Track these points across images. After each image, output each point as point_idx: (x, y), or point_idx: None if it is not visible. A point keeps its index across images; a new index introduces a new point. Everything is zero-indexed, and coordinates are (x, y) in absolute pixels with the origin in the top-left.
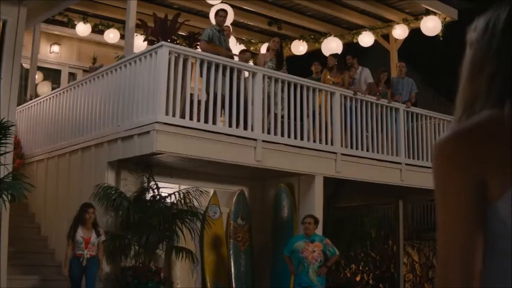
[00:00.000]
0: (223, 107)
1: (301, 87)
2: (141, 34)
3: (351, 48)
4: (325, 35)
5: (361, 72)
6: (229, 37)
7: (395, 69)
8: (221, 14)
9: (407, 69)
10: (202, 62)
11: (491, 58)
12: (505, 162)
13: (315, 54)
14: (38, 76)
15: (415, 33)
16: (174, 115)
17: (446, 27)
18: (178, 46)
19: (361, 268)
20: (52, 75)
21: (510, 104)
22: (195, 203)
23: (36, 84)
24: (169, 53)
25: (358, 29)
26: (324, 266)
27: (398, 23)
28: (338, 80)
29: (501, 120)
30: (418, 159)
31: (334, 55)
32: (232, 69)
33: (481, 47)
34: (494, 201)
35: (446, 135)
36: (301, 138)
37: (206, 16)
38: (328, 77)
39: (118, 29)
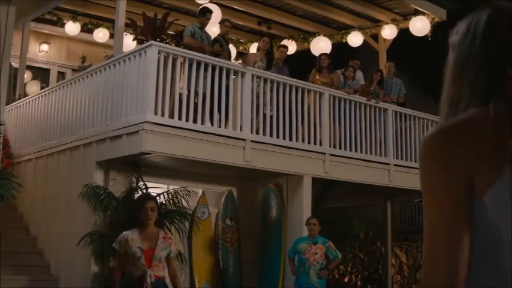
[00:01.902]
0: (212, 107)
1: (290, 87)
2: (131, 33)
3: (340, 48)
4: (314, 34)
5: (356, 73)
6: (227, 33)
7: (384, 69)
8: (208, 17)
9: (396, 69)
10: (191, 61)
11: (473, 59)
12: (489, 157)
13: (304, 54)
14: (27, 75)
15: (404, 34)
16: (163, 115)
17: (435, 27)
18: (167, 45)
19: (349, 269)
20: (41, 74)
21: (493, 103)
22: (184, 203)
23: (25, 84)
24: (159, 53)
25: (347, 29)
26: (326, 269)
27: (387, 23)
28: (327, 80)
29: (485, 118)
30: (406, 159)
31: (327, 54)
32: (221, 69)
33: (463, 49)
34: (480, 197)
35: (431, 132)
36: (290, 139)
37: (195, 15)
38: (317, 77)
39: (107, 28)
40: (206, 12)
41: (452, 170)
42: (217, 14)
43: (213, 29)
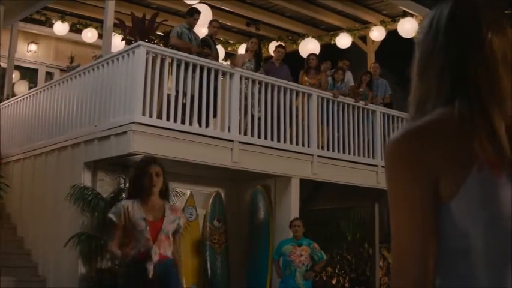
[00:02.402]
0: (200, 107)
1: (279, 88)
2: (119, 33)
3: (328, 49)
4: (303, 36)
5: (345, 74)
6: (216, 34)
7: (370, 70)
8: (196, 17)
9: (383, 70)
10: (179, 62)
11: (438, 55)
12: (456, 161)
13: (293, 55)
14: (15, 75)
15: (392, 35)
16: (151, 116)
17: None
18: (156, 46)
19: (337, 271)
20: (29, 74)
21: (459, 103)
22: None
23: (13, 84)
24: (147, 53)
25: (336, 30)
26: (312, 271)
27: (375, 25)
28: (314, 81)
29: (451, 118)
30: None
31: (316, 55)
32: (209, 70)
33: (426, 45)
34: (447, 202)
35: (397, 135)
36: (278, 140)
37: (184, 16)
38: (306, 78)
39: (96, 28)
40: (194, 13)
41: (418, 173)
42: (207, 14)
43: (202, 30)
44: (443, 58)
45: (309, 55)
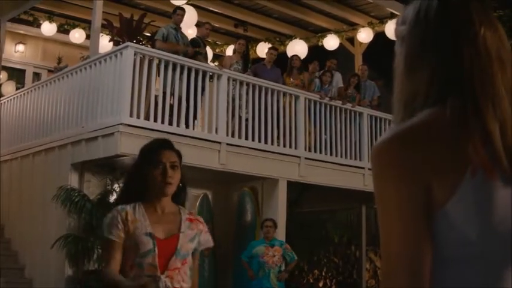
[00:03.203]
0: (187, 109)
1: (266, 90)
2: (107, 34)
3: (316, 51)
4: (291, 37)
5: (334, 76)
6: (207, 36)
7: (358, 72)
8: (179, 13)
9: (371, 72)
10: (167, 63)
11: (428, 51)
12: (448, 165)
13: (281, 57)
14: (2, 76)
15: (380, 37)
16: (138, 117)
17: None
18: (143, 47)
19: (323, 273)
20: (16, 74)
21: (451, 103)
22: None
23: (0, 84)
24: (135, 54)
25: (324, 32)
26: (285, 271)
27: (363, 26)
28: (297, 81)
29: (443, 120)
30: None
31: (298, 56)
32: (197, 71)
33: (414, 39)
34: (441, 207)
35: (384, 138)
36: (266, 142)
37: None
38: (291, 79)
39: (84, 29)
40: (177, 9)
41: (406, 177)
42: (193, 15)
43: (189, 31)
44: (435, 53)
45: (292, 56)
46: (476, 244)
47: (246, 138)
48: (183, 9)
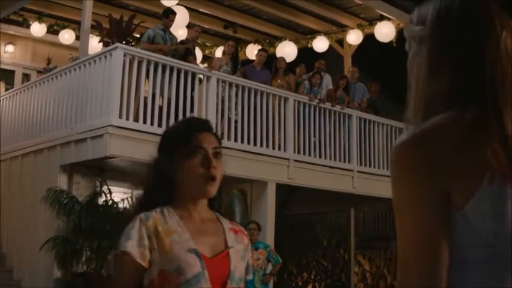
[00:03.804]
0: (176, 111)
1: (255, 91)
2: (97, 35)
3: (306, 53)
4: (280, 39)
5: (323, 77)
6: (197, 38)
7: (348, 74)
8: (171, 18)
9: (360, 74)
10: (156, 64)
11: (450, 54)
12: (466, 169)
13: (270, 58)
14: None
15: (369, 39)
16: (127, 118)
17: (400, 33)
18: (133, 48)
19: (312, 276)
20: (6, 75)
21: (472, 107)
22: None
23: None
24: (124, 55)
25: (313, 33)
26: (269, 274)
27: (352, 28)
28: (283, 83)
29: (462, 124)
30: (370, 166)
31: (283, 58)
32: (186, 73)
33: (436, 41)
34: (459, 209)
35: (404, 139)
36: (255, 144)
37: (161, 17)
38: (279, 81)
39: (73, 29)
40: (169, 14)
41: (428, 181)
42: (184, 16)
43: (180, 32)
44: (457, 56)
45: (278, 58)
46: (493, 246)
47: (235, 140)
48: (174, 14)
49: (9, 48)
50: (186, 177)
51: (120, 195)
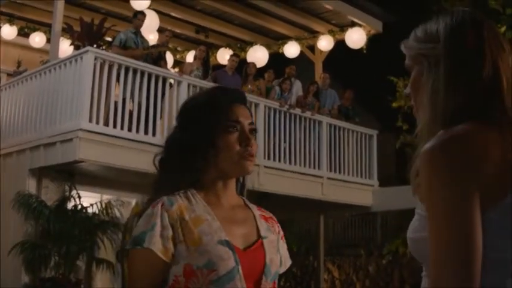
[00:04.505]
0: (147, 115)
1: None
2: (68, 38)
3: (277, 59)
4: (251, 44)
5: (294, 83)
6: (168, 43)
7: (319, 80)
8: (139, 18)
9: (330, 80)
10: (127, 68)
11: (469, 70)
12: (496, 172)
13: (241, 63)
14: None
15: (340, 46)
16: (97, 123)
17: (371, 40)
18: (104, 52)
19: (282, 283)
20: None
21: (499, 119)
22: (117, 214)
23: None
24: (95, 59)
25: (285, 39)
26: None
27: (324, 34)
28: (253, 88)
29: (490, 130)
30: (339, 173)
31: (254, 63)
32: (157, 77)
33: (453, 58)
34: (487, 213)
35: (432, 145)
36: None
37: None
38: (250, 86)
39: (44, 32)
40: (138, 14)
41: (463, 182)
42: (155, 20)
43: (151, 36)
44: (476, 72)
45: (248, 63)
46: (507, 252)
47: None
48: (143, 14)
49: None
50: (219, 155)
51: (89, 199)
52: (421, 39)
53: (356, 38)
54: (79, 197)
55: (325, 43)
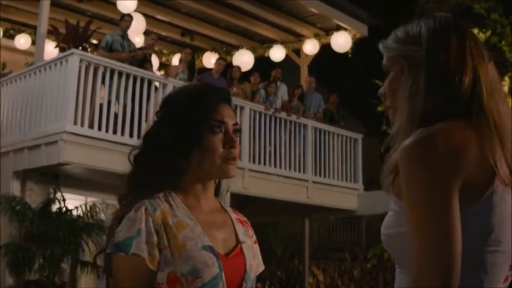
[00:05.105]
0: (132, 118)
1: None
2: (53, 41)
3: (262, 62)
4: (237, 47)
5: (279, 87)
6: (153, 45)
7: (305, 84)
8: (126, 19)
9: (316, 85)
10: (113, 71)
11: (451, 73)
12: (476, 171)
13: (226, 67)
14: None
15: (326, 50)
16: (82, 125)
17: (356, 44)
18: (89, 54)
19: (266, 287)
20: None
21: (476, 119)
22: (102, 216)
23: None
24: (80, 61)
25: (270, 42)
26: None
27: (309, 38)
28: (238, 91)
29: (469, 129)
30: (324, 176)
31: (239, 67)
32: (143, 80)
33: (434, 60)
34: (466, 206)
35: (411, 141)
36: None
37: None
38: (235, 89)
39: (29, 34)
40: (124, 16)
41: (444, 177)
42: (141, 23)
43: (137, 39)
44: (457, 75)
45: (233, 66)
46: (494, 245)
47: None
48: (130, 16)
49: None
50: (200, 156)
51: (73, 202)
52: (401, 41)
53: (341, 41)
54: (63, 200)
55: (310, 47)
